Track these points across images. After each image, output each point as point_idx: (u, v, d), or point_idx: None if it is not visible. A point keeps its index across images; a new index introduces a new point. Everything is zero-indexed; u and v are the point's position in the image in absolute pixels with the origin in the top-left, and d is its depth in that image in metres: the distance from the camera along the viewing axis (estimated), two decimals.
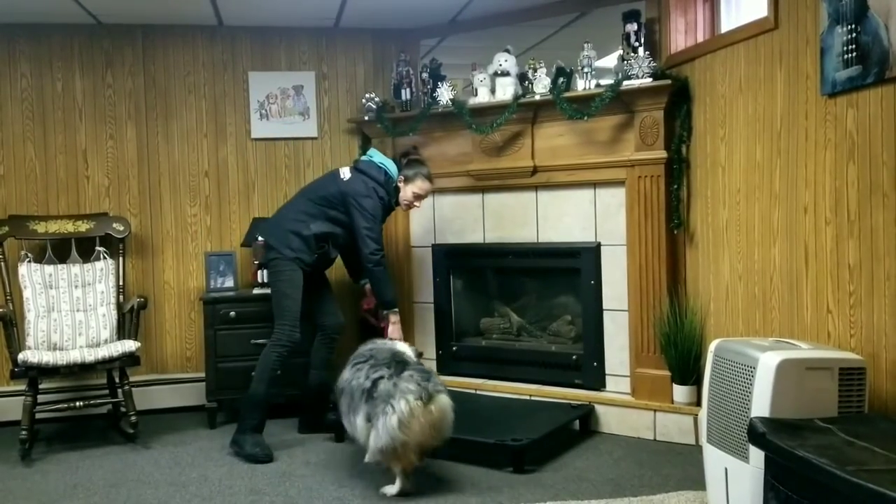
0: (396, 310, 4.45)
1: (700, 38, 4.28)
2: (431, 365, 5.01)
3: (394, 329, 4.42)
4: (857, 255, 3.04)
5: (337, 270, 5.33)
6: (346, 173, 4.45)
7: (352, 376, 3.61)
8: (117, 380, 4.51)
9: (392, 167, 4.48)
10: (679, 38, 4.34)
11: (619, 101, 4.26)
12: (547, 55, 4.69)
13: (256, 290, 4.91)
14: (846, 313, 3.11)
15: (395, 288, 4.56)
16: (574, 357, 4.67)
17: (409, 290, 5.25)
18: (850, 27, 2.95)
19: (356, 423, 3.51)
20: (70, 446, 4.42)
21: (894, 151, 2.81)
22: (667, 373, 4.26)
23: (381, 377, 3.45)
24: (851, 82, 2.98)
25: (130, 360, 4.40)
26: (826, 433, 2.45)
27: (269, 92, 5.31)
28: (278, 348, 4.24)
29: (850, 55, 2.96)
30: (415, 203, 4.56)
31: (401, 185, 4.49)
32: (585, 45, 4.44)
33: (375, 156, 4.54)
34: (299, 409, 4.64)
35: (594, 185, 4.51)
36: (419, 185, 4.50)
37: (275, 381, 4.25)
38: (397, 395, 3.33)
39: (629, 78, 4.20)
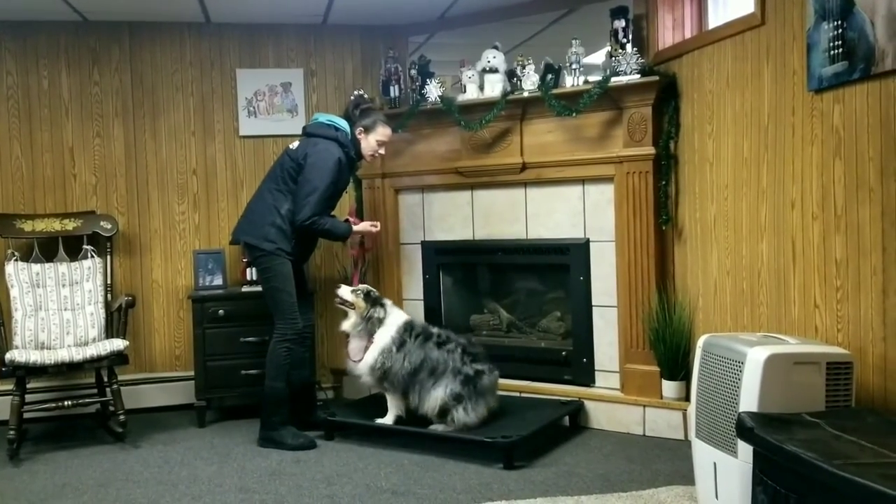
0: (352, 228, 4.47)
1: (687, 35, 4.29)
2: None
3: (364, 229, 4.55)
4: (844, 251, 3.05)
5: (329, 269, 5.34)
6: (294, 144, 4.41)
7: (439, 353, 4.12)
8: (106, 379, 4.49)
9: (341, 122, 4.40)
10: (667, 34, 4.35)
11: (607, 97, 4.27)
12: (535, 52, 4.70)
13: (245, 289, 4.90)
14: (833, 308, 3.13)
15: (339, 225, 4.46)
16: (563, 353, 4.68)
17: (398, 286, 5.25)
18: (836, 23, 2.96)
19: (432, 390, 4.06)
20: (58, 446, 4.40)
21: (880, 147, 2.83)
22: (656, 368, 4.27)
23: (483, 372, 4.10)
24: (838, 78, 2.99)
25: (119, 358, 4.38)
26: (814, 427, 2.47)
27: (257, 89, 5.30)
28: (285, 342, 4.25)
29: (836, 51, 2.97)
30: (379, 151, 4.48)
31: (361, 136, 4.40)
32: (573, 42, 4.45)
33: (320, 116, 4.47)
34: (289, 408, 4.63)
35: (583, 181, 4.52)
36: (381, 132, 4.43)
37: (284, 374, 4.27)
38: (488, 394, 4.12)
39: (617, 74, 4.21)
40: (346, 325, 4.34)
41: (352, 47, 5.44)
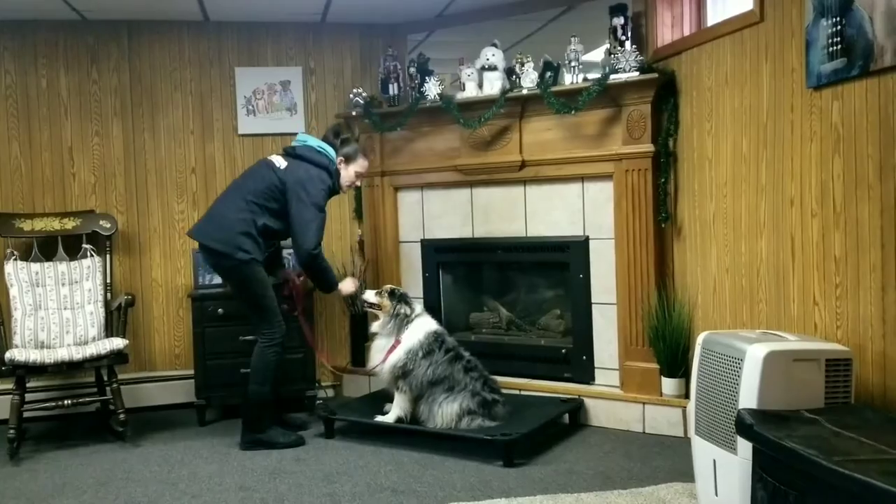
0: (338, 284, 4.37)
1: (686, 32, 4.29)
2: None
3: (347, 285, 4.44)
4: (843, 247, 3.05)
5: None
6: (280, 162, 4.25)
7: (463, 377, 4.15)
8: (106, 378, 4.49)
9: (330, 150, 4.30)
10: (665, 31, 4.35)
11: (606, 95, 4.27)
12: (534, 49, 4.69)
13: None
14: (832, 305, 3.13)
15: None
16: (563, 351, 4.68)
17: (398, 285, 5.24)
18: (834, 20, 2.96)
19: (444, 404, 4.08)
20: (59, 445, 4.40)
21: (879, 144, 2.83)
22: (655, 366, 4.27)
23: (499, 402, 4.17)
24: (836, 75, 2.99)
25: (118, 357, 4.38)
26: (813, 424, 2.47)
27: (256, 87, 5.30)
28: (275, 347, 4.21)
29: (835, 48, 2.97)
30: (356, 182, 4.46)
31: (341, 166, 4.33)
32: (572, 40, 4.45)
33: (310, 140, 4.33)
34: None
35: (582, 179, 4.52)
36: (360, 164, 4.39)
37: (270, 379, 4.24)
38: (498, 420, 4.12)
39: (616, 72, 4.21)
40: (375, 326, 4.37)
41: (350, 45, 5.44)
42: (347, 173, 4.35)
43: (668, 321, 4.17)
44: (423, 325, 4.28)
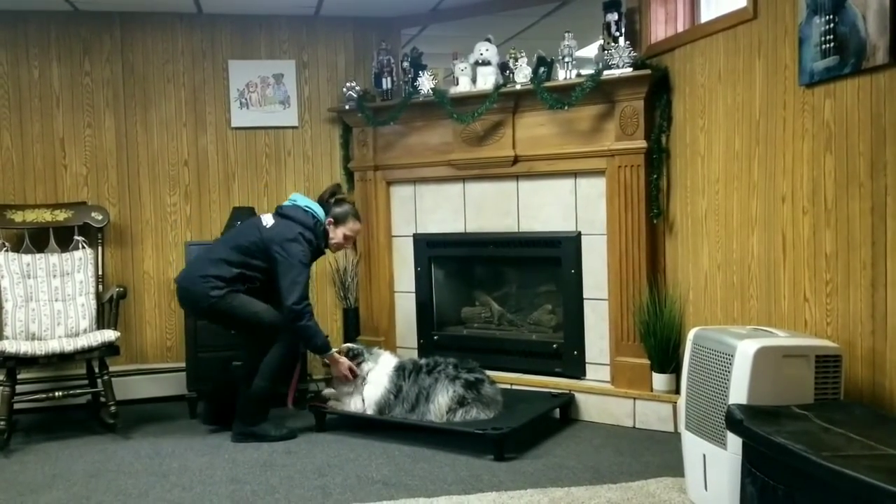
0: (331, 350, 4.31)
1: (680, 28, 4.30)
2: (412, 354, 5.02)
3: (340, 367, 4.31)
4: (834, 244, 3.07)
5: (320, 263, 5.32)
6: (268, 220, 4.29)
7: (430, 378, 4.19)
8: (97, 370, 4.48)
9: (318, 210, 4.35)
10: (659, 28, 4.36)
11: (599, 90, 4.27)
12: (528, 45, 4.69)
13: None
14: (823, 301, 3.15)
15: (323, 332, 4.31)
16: (554, 346, 4.69)
17: (390, 279, 5.26)
18: (828, 18, 2.97)
19: (430, 404, 4.12)
20: (49, 437, 4.39)
21: (871, 142, 2.84)
22: (646, 361, 4.29)
23: (484, 381, 4.20)
24: (829, 73, 3.00)
25: (110, 349, 4.37)
26: (802, 420, 2.49)
27: (249, 80, 5.29)
28: (293, 349, 4.29)
29: (827, 45, 2.98)
30: (345, 244, 4.52)
31: (330, 226, 4.38)
32: (566, 35, 4.45)
33: (299, 199, 4.39)
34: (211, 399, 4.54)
35: (575, 174, 4.53)
36: (350, 227, 4.43)
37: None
38: (492, 405, 4.17)
39: (610, 68, 4.21)
40: (328, 392, 4.42)
41: (344, 39, 5.43)
42: (336, 234, 4.41)
43: (659, 317, 4.19)
44: (382, 370, 4.34)
